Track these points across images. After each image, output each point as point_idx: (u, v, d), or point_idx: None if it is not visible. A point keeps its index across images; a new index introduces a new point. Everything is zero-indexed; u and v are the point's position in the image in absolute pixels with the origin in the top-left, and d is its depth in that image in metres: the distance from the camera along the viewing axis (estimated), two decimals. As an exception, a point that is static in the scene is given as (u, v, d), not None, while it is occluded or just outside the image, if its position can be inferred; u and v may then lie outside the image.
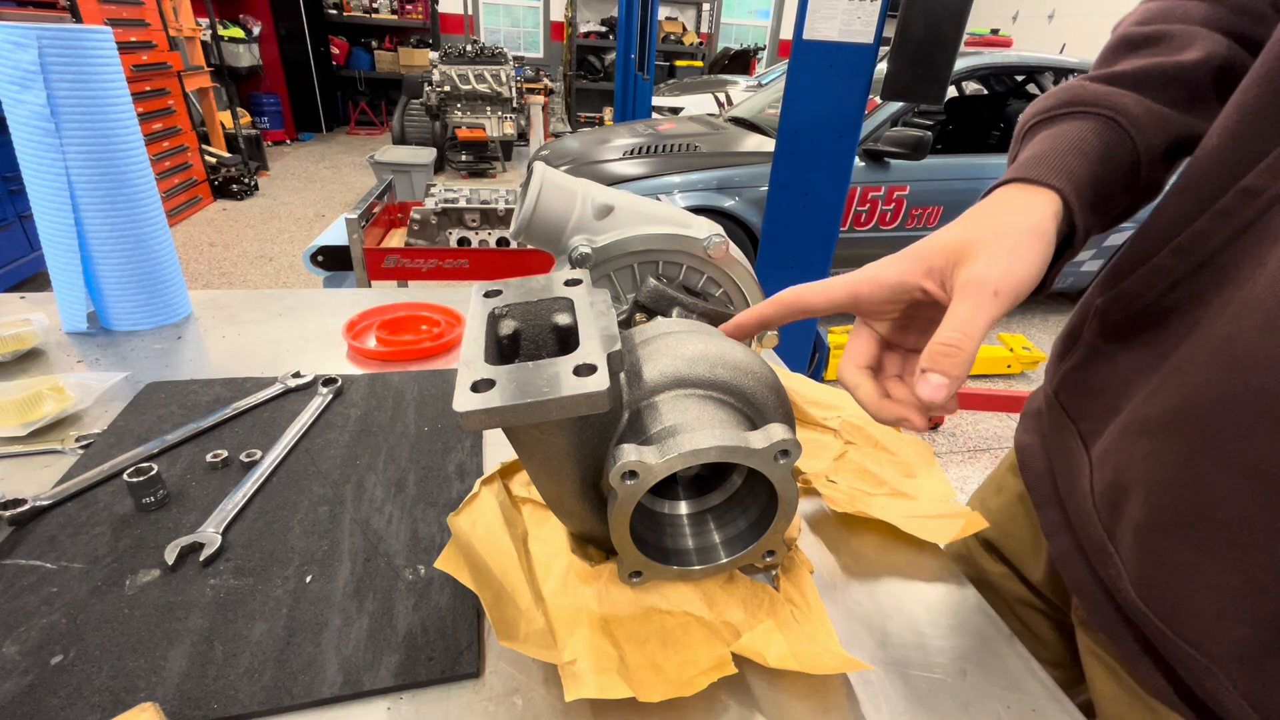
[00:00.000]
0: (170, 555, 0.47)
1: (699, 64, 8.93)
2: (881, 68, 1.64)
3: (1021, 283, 0.34)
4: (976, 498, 0.65)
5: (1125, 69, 0.42)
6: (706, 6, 9.30)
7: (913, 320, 0.41)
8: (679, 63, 8.85)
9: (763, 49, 9.66)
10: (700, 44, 9.13)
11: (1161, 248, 0.39)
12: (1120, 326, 0.44)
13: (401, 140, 6.07)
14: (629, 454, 0.35)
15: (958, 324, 0.33)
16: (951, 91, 4.03)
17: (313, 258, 1.82)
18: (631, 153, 3.07)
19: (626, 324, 0.51)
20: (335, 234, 1.84)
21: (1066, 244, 0.41)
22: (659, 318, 0.49)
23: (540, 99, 6.27)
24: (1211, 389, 0.34)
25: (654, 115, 4.87)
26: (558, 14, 9.04)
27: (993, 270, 0.34)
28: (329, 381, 0.70)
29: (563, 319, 0.39)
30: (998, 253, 0.35)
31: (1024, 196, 0.39)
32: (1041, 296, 0.47)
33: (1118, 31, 0.46)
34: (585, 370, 0.32)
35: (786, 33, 9.41)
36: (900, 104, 2.98)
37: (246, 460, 0.57)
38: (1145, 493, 0.38)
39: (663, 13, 8.55)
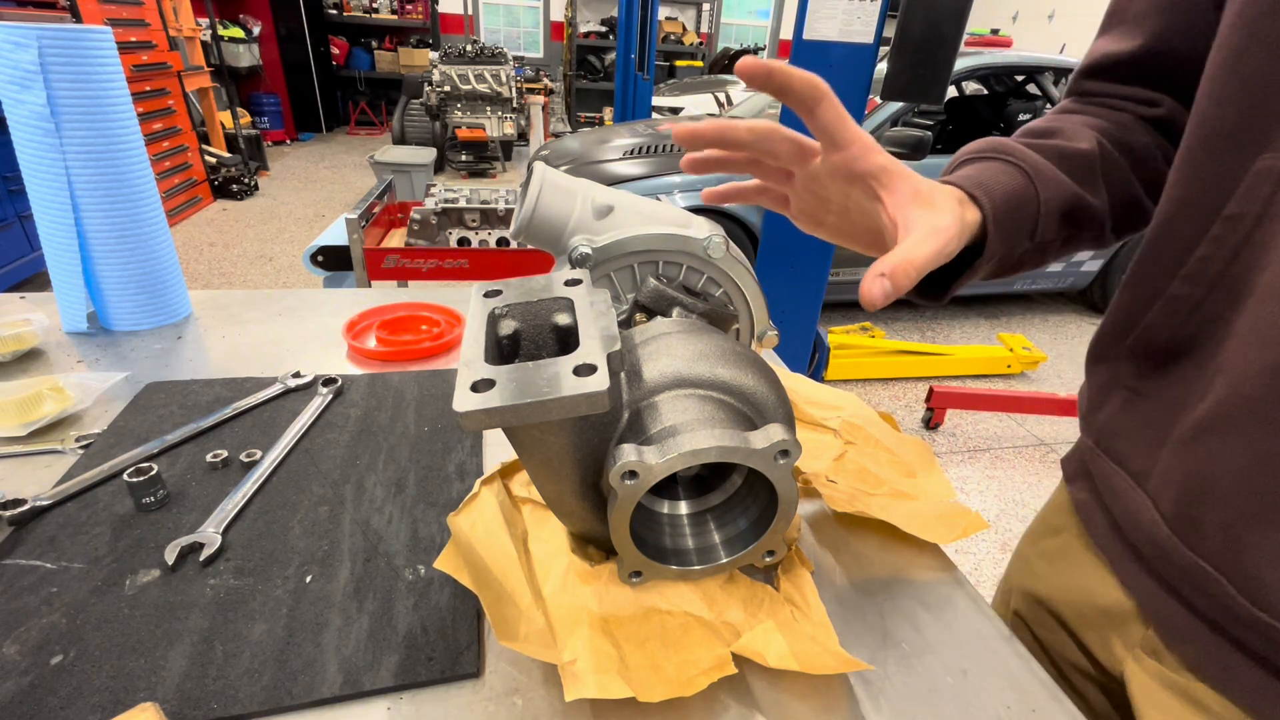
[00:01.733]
0: (170, 555, 0.47)
1: (699, 64, 8.93)
2: (881, 68, 1.64)
3: (953, 238, 0.41)
4: (1029, 541, 0.62)
5: (1041, 144, 0.49)
6: (706, 6, 9.30)
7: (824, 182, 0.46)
8: (679, 63, 8.85)
9: (763, 49, 9.66)
10: (700, 44, 9.14)
11: (1171, 280, 0.42)
12: (1152, 362, 0.46)
13: (401, 140, 6.08)
14: (629, 454, 0.35)
15: (917, 241, 0.39)
16: (951, 91, 4.02)
17: (313, 258, 1.82)
18: (631, 153, 3.07)
19: (626, 324, 0.51)
20: (335, 234, 1.84)
21: (973, 255, 0.46)
22: (659, 318, 0.49)
23: (540, 99, 6.27)
24: (1258, 366, 0.36)
25: (654, 115, 4.87)
26: (558, 14, 9.04)
27: (941, 219, 0.41)
28: (329, 381, 0.70)
29: (563, 319, 0.39)
30: (939, 210, 0.41)
31: (958, 194, 0.44)
32: (938, 304, 0.50)
33: (1020, 129, 0.54)
34: (585, 370, 0.32)
35: (786, 33, 9.41)
36: (900, 104, 2.98)
37: (246, 460, 0.57)
38: (1221, 490, 0.38)
39: (663, 13, 8.55)
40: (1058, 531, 0.58)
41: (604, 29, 8.58)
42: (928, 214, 0.41)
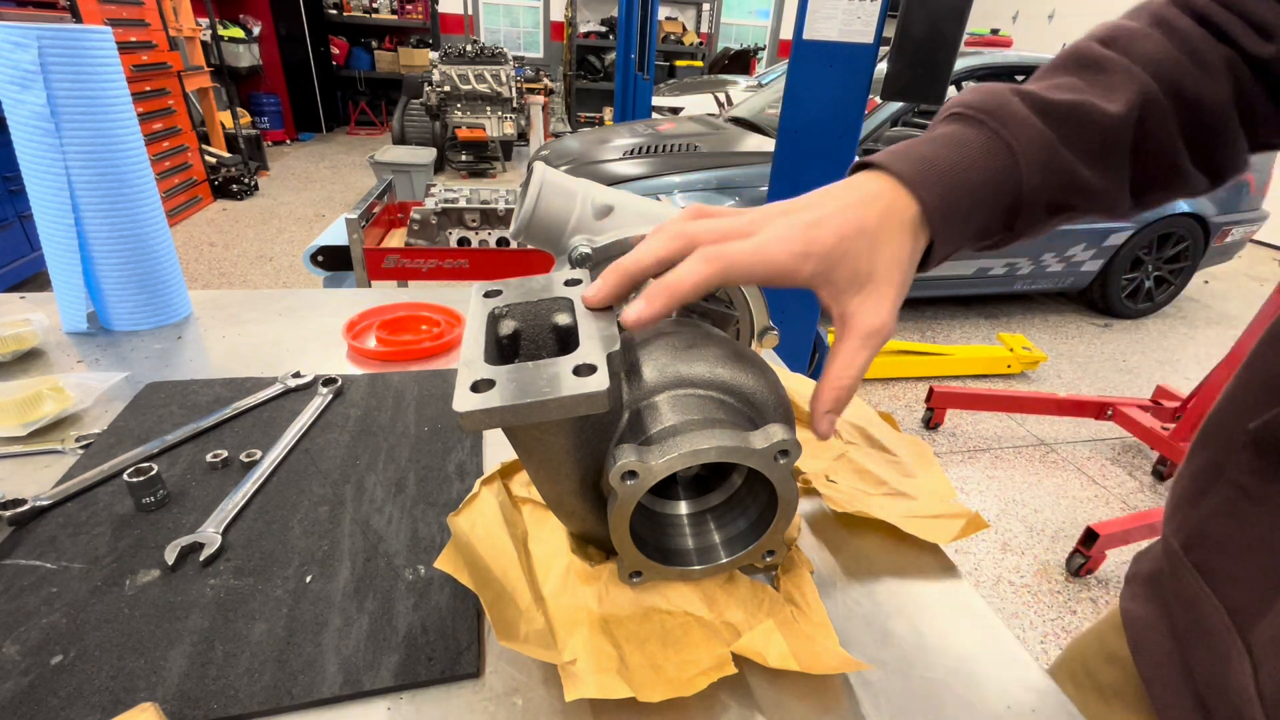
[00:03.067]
0: (170, 555, 0.47)
1: (699, 64, 8.92)
2: (881, 68, 1.64)
3: (890, 324, 0.37)
4: (1077, 660, 0.53)
5: (1060, 100, 0.38)
6: (706, 6, 9.30)
7: None
8: (679, 63, 8.85)
9: (763, 49, 9.66)
10: (700, 44, 9.13)
11: None
12: None
13: (401, 140, 6.07)
14: (629, 454, 0.35)
15: (848, 362, 0.36)
16: (952, 91, 4.02)
17: (313, 258, 1.82)
18: (631, 153, 3.07)
19: (626, 324, 0.51)
20: (335, 234, 1.84)
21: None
22: (659, 318, 0.49)
23: (540, 99, 6.27)
24: None
25: (654, 115, 4.87)
26: (558, 14, 9.04)
27: (877, 317, 0.36)
28: (329, 381, 0.70)
29: (563, 319, 0.39)
30: (881, 293, 0.36)
31: (901, 216, 0.37)
32: None
33: (1081, 41, 0.42)
34: (585, 370, 0.32)
35: (786, 33, 9.41)
36: (900, 104, 2.98)
37: (246, 460, 0.57)
38: None
39: (663, 13, 8.55)
40: (1113, 659, 0.46)
41: (604, 29, 8.58)
42: (867, 306, 0.36)
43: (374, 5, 7.80)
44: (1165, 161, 0.39)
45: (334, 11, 7.60)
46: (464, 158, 5.88)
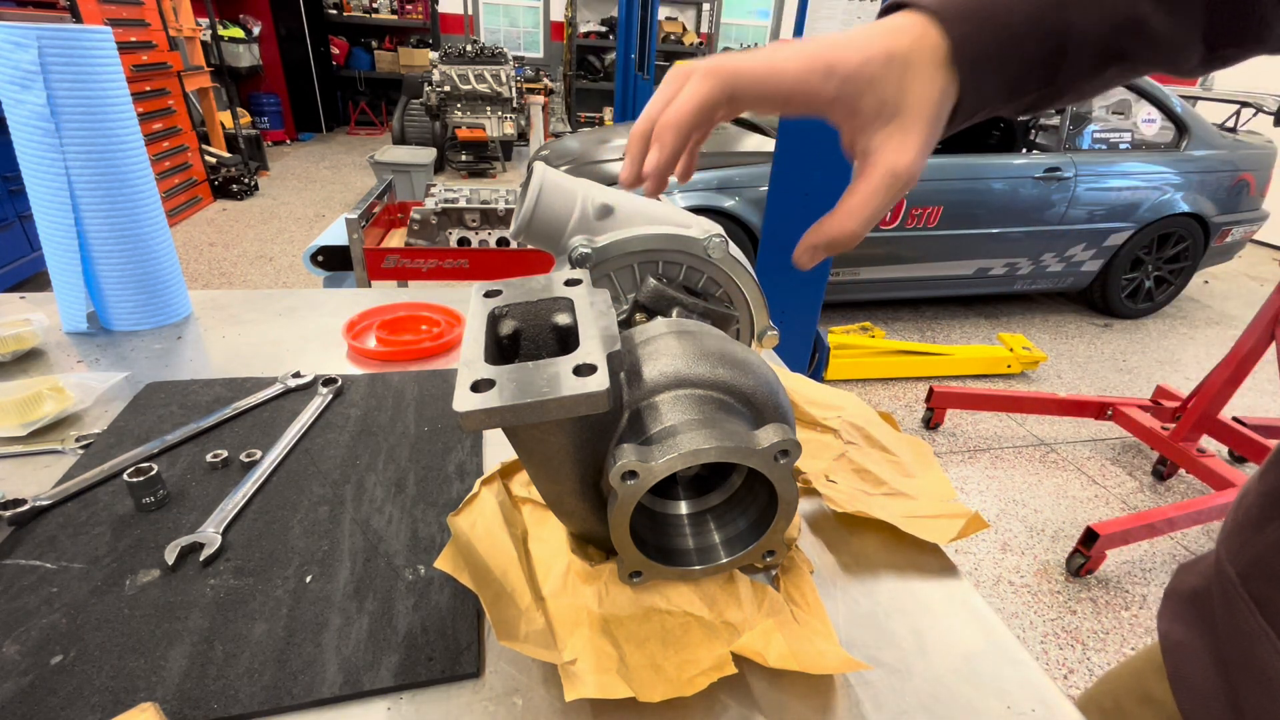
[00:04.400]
0: (170, 555, 0.47)
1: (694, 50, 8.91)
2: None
3: (922, 165, 0.34)
4: (1110, 696, 0.48)
5: None
6: (706, 6, 9.29)
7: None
8: (679, 63, 8.83)
9: (763, 49, 9.64)
10: (700, 44, 9.12)
11: None
12: None
13: (401, 140, 6.07)
14: (629, 454, 0.35)
15: (862, 202, 0.33)
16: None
17: (313, 258, 1.82)
18: (631, 153, 3.07)
19: (626, 324, 0.51)
20: (335, 234, 1.84)
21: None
22: (659, 318, 0.49)
23: (540, 99, 6.27)
24: None
25: (654, 115, 4.86)
26: (558, 14, 9.03)
27: (903, 155, 0.33)
28: (329, 381, 0.70)
29: (563, 319, 0.39)
30: (909, 129, 0.33)
31: (931, 52, 0.33)
32: None
33: None
34: (585, 370, 0.32)
35: (786, 33, 9.41)
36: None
37: (246, 460, 0.57)
38: None
39: (663, 13, 8.53)
40: (1148, 701, 0.42)
41: (604, 29, 8.57)
42: (893, 142, 0.33)
43: (374, 5, 7.80)
44: (1248, 6, 0.32)
45: (334, 11, 7.60)
46: (464, 158, 5.88)
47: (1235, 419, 2.30)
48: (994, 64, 0.33)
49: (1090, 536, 1.85)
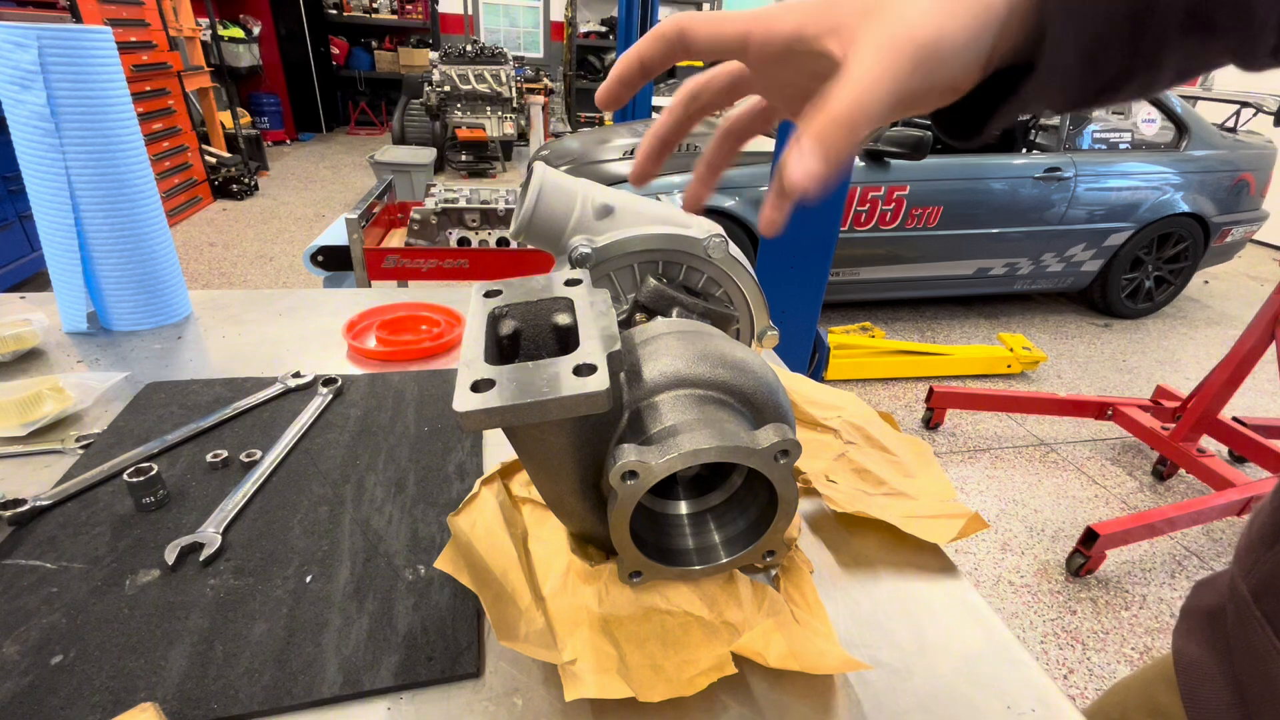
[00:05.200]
0: (170, 555, 0.47)
1: (699, 64, 8.85)
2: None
3: (945, 37, 0.24)
4: (1117, 708, 0.47)
5: None
6: (706, 6, 9.30)
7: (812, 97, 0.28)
8: (679, 62, 8.83)
9: (763, 49, 9.64)
10: (700, 44, 9.12)
11: None
12: None
13: (401, 140, 6.08)
14: (629, 454, 0.35)
15: (855, 82, 0.24)
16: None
17: (313, 258, 1.82)
18: (631, 153, 3.07)
19: (626, 324, 0.51)
20: (335, 234, 1.84)
21: (1015, 81, 0.27)
22: (659, 318, 0.49)
23: (540, 99, 6.27)
24: None
25: (654, 115, 4.87)
26: (558, 14, 9.03)
27: (908, 16, 0.24)
28: (329, 381, 0.70)
29: (563, 319, 0.39)
30: (922, 4, 0.25)
31: None
32: (970, 144, 0.31)
33: None
34: (585, 370, 0.32)
35: (786, 33, 9.38)
36: (900, 104, 2.97)
37: (246, 460, 0.57)
38: None
39: (663, 13, 8.54)
40: (1157, 713, 0.41)
41: (604, 29, 8.57)
42: (912, 10, 0.25)
43: (374, 5, 7.80)
44: None
45: (334, 11, 7.60)
46: (464, 158, 5.88)
47: (1235, 419, 2.30)
48: (1077, 17, 0.25)
49: (1090, 536, 1.85)
